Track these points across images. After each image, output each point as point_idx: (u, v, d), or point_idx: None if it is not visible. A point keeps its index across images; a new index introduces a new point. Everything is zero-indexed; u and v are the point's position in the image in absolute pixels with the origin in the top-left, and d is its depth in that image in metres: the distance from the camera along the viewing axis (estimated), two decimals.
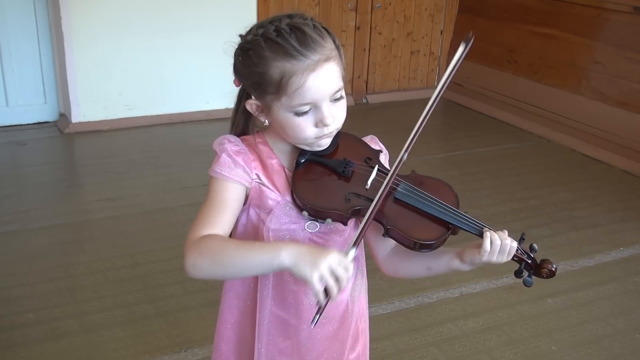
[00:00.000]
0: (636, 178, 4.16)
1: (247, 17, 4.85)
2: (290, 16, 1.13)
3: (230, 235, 1.22)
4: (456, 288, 2.81)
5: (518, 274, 1.20)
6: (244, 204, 1.22)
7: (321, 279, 1.01)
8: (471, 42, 1.12)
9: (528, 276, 1.20)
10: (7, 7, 4.34)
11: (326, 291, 1.03)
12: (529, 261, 1.20)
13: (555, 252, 3.12)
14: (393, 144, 1.35)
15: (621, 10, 4.32)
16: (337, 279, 1.02)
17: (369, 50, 5.53)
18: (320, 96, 1.12)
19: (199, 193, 3.52)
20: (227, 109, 5.00)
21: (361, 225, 1.12)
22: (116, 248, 3.04)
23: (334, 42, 1.14)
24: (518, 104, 5.14)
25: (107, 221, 3.31)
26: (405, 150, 1.13)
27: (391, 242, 1.26)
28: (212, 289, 2.72)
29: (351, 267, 1.05)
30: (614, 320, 2.66)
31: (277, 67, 1.10)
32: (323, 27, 1.14)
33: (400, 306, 2.67)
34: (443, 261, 1.22)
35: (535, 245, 1.20)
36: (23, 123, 4.62)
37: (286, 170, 1.22)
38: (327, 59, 1.11)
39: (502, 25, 5.28)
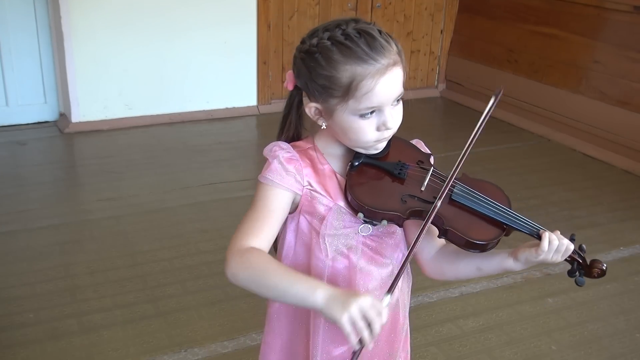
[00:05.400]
0: (636, 178, 4.16)
1: (247, 17, 4.86)
2: (356, 21, 1.14)
3: (277, 242, 1.23)
4: (456, 288, 2.81)
5: (571, 273, 1.23)
6: (294, 211, 1.21)
7: (351, 321, 0.99)
8: (500, 94, 1.22)
9: (580, 276, 1.22)
10: (7, 6, 4.33)
11: (360, 340, 1.01)
12: (580, 261, 1.22)
13: None
14: None
15: (621, 9, 4.31)
16: (369, 324, 1.00)
17: None
18: (386, 100, 1.13)
19: (199, 193, 3.49)
20: (227, 108, 5.00)
21: (411, 246, 1.14)
22: (116, 248, 3.04)
23: (397, 47, 1.15)
24: (518, 103, 5.13)
25: (107, 221, 3.31)
26: (463, 156, 1.21)
27: (437, 244, 1.28)
28: (212, 289, 2.72)
29: (385, 312, 1.02)
30: (614, 320, 2.66)
31: (348, 70, 1.10)
32: (386, 33, 1.15)
33: None
34: (495, 261, 1.22)
35: (584, 246, 1.23)
36: (23, 123, 4.61)
37: (337, 175, 1.22)
38: (394, 64, 1.12)
39: (502, 25, 5.28)
